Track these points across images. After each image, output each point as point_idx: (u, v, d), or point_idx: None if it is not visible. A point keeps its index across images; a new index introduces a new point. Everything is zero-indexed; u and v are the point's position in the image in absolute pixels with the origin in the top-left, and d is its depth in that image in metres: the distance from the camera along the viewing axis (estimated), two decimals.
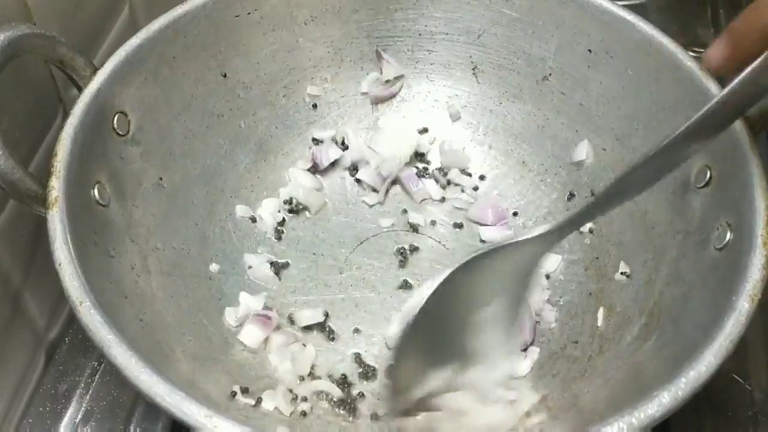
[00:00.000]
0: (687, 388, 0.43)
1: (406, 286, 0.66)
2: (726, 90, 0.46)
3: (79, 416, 0.57)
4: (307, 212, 0.70)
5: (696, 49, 0.79)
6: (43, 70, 0.55)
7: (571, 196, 0.70)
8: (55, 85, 0.58)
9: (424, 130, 0.75)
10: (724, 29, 0.53)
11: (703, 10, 0.89)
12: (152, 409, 0.42)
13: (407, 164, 0.73)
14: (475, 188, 0.72)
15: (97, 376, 0.59)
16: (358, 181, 0.73)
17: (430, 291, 0.51)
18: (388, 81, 0.74)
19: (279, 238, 0.68)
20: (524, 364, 0.60)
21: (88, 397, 0.58)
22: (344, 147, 0.73)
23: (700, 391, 0.43)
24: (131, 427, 0.57)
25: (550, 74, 0.69)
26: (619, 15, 0.63)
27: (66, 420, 0.58)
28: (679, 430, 0.57)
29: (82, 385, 0.59)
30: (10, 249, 0.56)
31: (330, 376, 0.59)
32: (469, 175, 0.73)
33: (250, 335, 0.60)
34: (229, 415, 0.42)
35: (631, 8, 0.63)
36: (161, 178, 0.62)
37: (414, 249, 0.68)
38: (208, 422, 0.41)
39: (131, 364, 0.42)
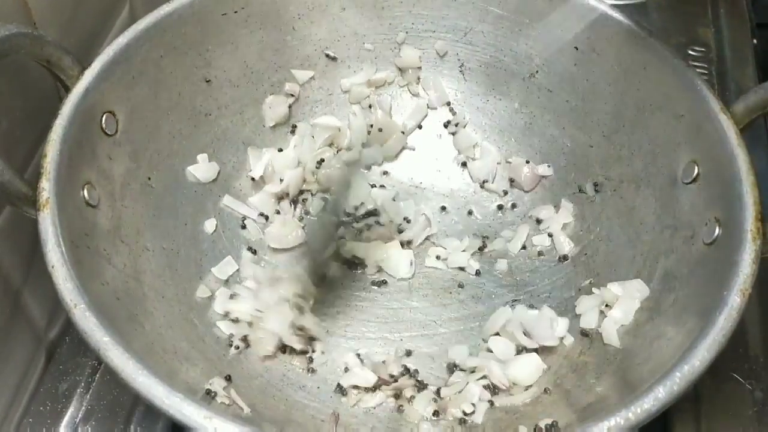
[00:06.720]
0: (682, 382, 0.44)
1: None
2: None
3: (80, 416, 0.57)
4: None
5: (696, 48, 0.80)
6: (43, 70, 0.54)
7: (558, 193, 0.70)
8: (54, 85, 0.58)
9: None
10: (724, 28, 0.53)
11: (704, 10, 0.90)
12: (152, 408, 0.42)
13: None
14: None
15: (97, 375, 0.59)
16: None
17: None
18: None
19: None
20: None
21: (88, 396, 0.58)
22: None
23: (701, 390, 0.43)
24: (131, 427, 0.57)
25: (537, 72, 0.70)
26: (606, 12, 0.64)
27: (66, 420, 0.57)
28: (680, 429, 0.58)
29: (83, 384, 0.59)
30: (10, 249, 0.56)
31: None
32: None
33: None
34: (228, 415, 0.42)
35: (632, 8, 0.64)
36: (150, 178, 0.61)
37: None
38: (207, 423, 0.41)
39: (128, 366, 0.42)
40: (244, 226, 0.68)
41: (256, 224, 0.68)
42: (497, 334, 0.62)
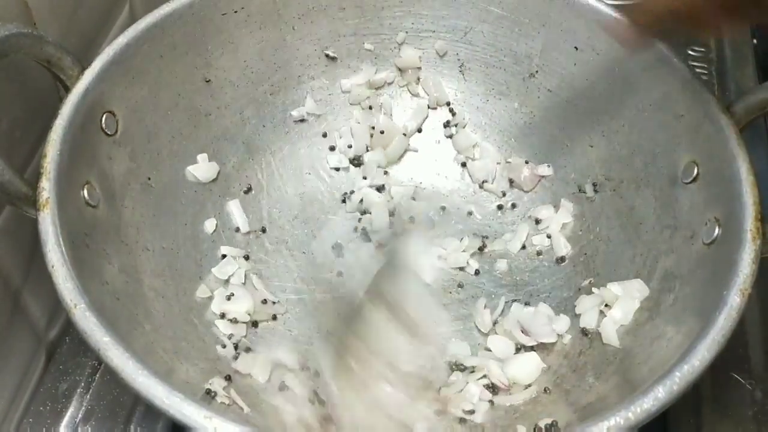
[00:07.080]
0: (682, 382, 0.44)
1: None
2: None
3: (80, 416, 0.57)
4: None
5: (696, 48, 0.80)
6: (43, 70, 0.55)
7: (557, 193, 0.70)
8: (54, 85, 0.58)
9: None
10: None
11: None
12: (152, 408, 0.42)
13: None
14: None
15: (97, 375, 0.59)
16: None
17: None
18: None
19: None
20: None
21: (88, 396, 0.58)
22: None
23: (701, 390, 0.43)
24: (131, 427, 0.57)
25: (537, 71, 0.70)
26: (606, 12, 0.64)
27: (66, 420, 0.57)
28: (680, 429, 0.58)
29: (83, 384, 0.59)
30: (10, 249, 0.56)
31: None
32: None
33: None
34: (228, 415, 0.42)
35: (632, 8, 0.64)
36: (149, 178, 0.61)
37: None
38: (208, 423, 0.41)
39: (128, 366, 0.42)
40: None
41: None
42: (494, 326, 0.62)
